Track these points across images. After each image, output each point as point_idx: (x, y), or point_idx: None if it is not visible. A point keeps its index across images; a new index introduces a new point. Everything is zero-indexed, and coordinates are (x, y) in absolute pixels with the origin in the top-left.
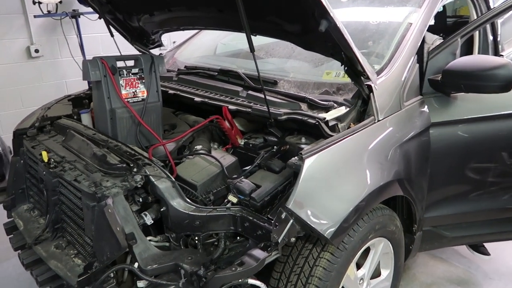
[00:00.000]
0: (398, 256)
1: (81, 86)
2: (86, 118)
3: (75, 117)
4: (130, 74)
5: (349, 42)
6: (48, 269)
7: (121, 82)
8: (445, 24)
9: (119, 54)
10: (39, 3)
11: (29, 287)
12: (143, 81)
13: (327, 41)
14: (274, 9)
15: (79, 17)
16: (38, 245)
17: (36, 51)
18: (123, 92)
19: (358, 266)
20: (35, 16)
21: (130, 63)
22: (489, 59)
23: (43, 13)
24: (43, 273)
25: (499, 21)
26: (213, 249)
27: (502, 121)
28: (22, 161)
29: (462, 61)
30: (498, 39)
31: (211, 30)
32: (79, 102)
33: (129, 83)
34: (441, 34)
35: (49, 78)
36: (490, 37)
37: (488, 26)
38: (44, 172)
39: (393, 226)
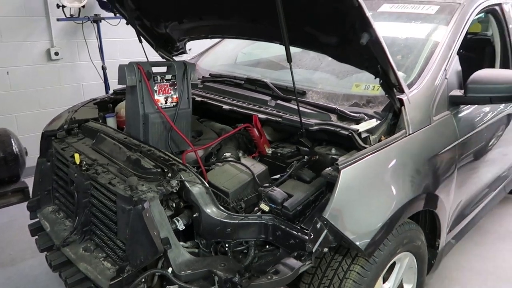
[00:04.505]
0: (421, 271)
1: (97, 89)
2: (111, 122)
3: (100, 120)
4: (164, 80)
5: (387, 55)
6: (77, 271)
7: (154, 87)
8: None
9: (144, 60)
10: (63, 6)
11: None
12: (175, 87)
13: (364, 54)
14: (312, 20)
15: (101, 21)
16: (66, 247)
17: (56, 53)
18: (156, 97)
19: (383, 280)
20: (58, 20)
21: (157, 69)
22: None
23: (66, 16)
24: (73, 275)
25: None
26: (242, 257)
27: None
28: (49, 163)
29: (485, 74)
30: None
31: (241, 39)
32: (104, 106)
33: (162, 89)
34: (461, 50)
35: (66, 81)
36: None
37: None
38: (76, 174)
39: (419, 241)
